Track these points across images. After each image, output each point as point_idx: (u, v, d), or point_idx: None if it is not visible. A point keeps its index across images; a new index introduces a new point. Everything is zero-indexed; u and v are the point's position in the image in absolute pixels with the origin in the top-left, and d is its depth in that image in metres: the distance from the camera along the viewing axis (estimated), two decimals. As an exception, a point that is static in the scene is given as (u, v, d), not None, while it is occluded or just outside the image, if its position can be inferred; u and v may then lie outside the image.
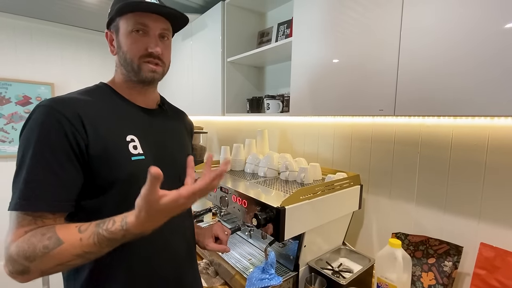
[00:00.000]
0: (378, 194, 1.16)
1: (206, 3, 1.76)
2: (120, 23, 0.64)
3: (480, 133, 0.88)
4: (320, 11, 0.99)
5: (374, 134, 1.16)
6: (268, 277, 0.86)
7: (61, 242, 0.48)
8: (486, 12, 0.61)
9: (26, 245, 0.48)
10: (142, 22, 0.63)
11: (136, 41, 0.63)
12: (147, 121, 0.69)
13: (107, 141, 0.58)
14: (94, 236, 0.49)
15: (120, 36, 0.64)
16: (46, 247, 0.48)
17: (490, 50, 0.61)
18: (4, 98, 2.11)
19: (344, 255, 1.10)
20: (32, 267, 0.48)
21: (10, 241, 0.50)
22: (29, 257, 0.48)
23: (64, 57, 2.32)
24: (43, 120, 0.53)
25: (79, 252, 0.48)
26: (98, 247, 0.49)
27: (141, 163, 0.62)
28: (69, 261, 0.49)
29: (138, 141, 0.63)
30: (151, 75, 0.66)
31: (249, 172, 1.30)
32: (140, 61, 0.64)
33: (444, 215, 0.97)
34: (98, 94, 0.65)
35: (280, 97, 1.38)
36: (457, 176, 0.93)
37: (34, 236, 0.49)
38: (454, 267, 0.89)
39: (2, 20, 2.04)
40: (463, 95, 0.66)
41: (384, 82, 0.81)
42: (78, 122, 0.55)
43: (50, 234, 0.49)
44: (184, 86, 2.04)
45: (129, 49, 0.63)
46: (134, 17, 0.62)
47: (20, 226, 0.51)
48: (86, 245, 0.48)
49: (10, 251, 0.49)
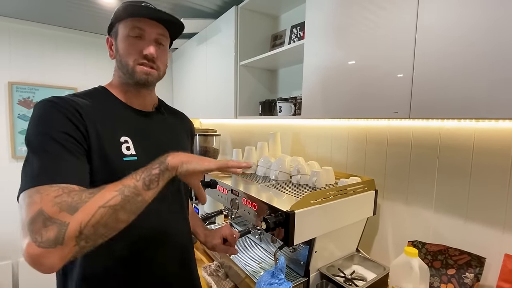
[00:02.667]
0: (394, 199, 1.12)
1: (220, 8, 1.79)
2: (119, 28, 0.67)
3: (504, 136, 0.83)
4: (332, 13, 0.97)
5: (390, 137, 1.12)
6: (277, 282, 0.85)
7: (103, 187, 0.49)
8: (507, 9, 0.58)
9: (69, 198, 0.45)
10: (139, 26, 0.65)
11: (132, 44, 0.66)
12: (143, 123, 0.71)
13: (103, 139, 0.60)
14: (133, 174, 0.51)
15: (118, 40, 0.67)
16: (92, 192, 0.47)
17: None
18: (32, 102, 2.24)
19: (358, 263, 1.06)
20: (72, 222, 0.42)
21: (40, 207, 0.43)
22: (74, 206, 0.44)
23: (86, 63, 2.43)
24: (44, 110, 0.55)
25: (118, 186, 0.48)
26: (135, 177, 0.50)
27: (133, 163, 0.63)
28: (111, 198, 0.46)
29: (131, 143, 0.65)
30: (145, 77, 0.67)
31: (261, 175, 1.29)
32: (134, 64, 0.66)
33: (465, 223, 0.92)
34: (95, 96, 0.67)
35: (293, 100, 1.36)
36: (480, 182, 0.88)
37: (76, 192, 0.47)
38: (476, 279, 0.83)
39: (31, 29, 2.18)
40: (485, 97, 0.62)
41: (398, 84, 0.78)
42: (77, 114, 0.57)
43: (95, 188, 0.49)
44: (199, 89, 2.07)
45: (125, 52, 0.66)
46: (132, 22, 0.65)
47: (45, 194, 0.45)
48: (124, 179, 0.50)
49: (45, 211, 0.43)
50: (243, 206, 0.98)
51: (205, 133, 2.00)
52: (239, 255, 1.12)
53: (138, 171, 0.52)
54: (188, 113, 0.94)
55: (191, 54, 2.17)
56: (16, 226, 2.09)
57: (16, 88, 2.16)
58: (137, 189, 0.49)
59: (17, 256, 2.20)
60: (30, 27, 2.16)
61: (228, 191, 1.09)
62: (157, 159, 0.54)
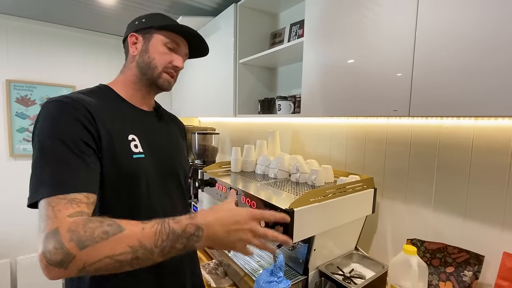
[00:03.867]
0: (393, 198, 1.12)
1: (219, 5, 1.78)
2: (155, 34, 0.72)
3: (504, 134, 0.83)
4: (331, 10, 0.97)
5: (389, 135, 1.12)
6: (276, 280, 0.85)
7: (122, 229, 0.47)
8: (507, 10, 0.58)
9: (82, 229, 0.45)
10: (177, 42, 0.74)
11: (166, 54, 0.73)
12: (146, 122, 0.75)
13: (113, 138, 0.62)
14: (157, 225, 0.49)
15: (152, 44, 0.72)
16: (106, 233, 0.46)
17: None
18: (30, 100, 2.23)
19: (356, 261, 1.06)
20: (78, 256, 0.44)
21: (56, 227, 0.46)
22: (83, 242, 0.44)
23: (85, 61, 2.42)
24: (57, 112, 0.56)
25: (135, 243, 0.46)
26: (155, 242, 0.47)
27: (141, 161, 0.66)
28: (121, 253, 0.45)
29: (138, 141, 0.67)
30: (167, 85, 0.75)
31: (260, 173, 1.29)
32: (163, 70, 0.73)
33: (464, 221, 0.92)
34: (100, 94, 0.69)
35: (292, 98, 1.36)
36: (479, 180, 0.88)
37: (92, 222, 0.47)
38: (475, 277, 0.83)
39: (29, 27, 2.16)
40: (484, 95, 0.62)
41: (398, 82, 0.78)
42: (89, 115, 0.58)
43: (110, 221, 0.48)
44: (197, 87, 2.06)
45: (158, 57, 0.72)
46: (171, 35, 0.73)
47: (57, 210, 0.47)
48: (145, 235, 0.47)
49: (59, 235, 0.45)
50: (242, 204, 0.98)
51: (204, 131, 2.00)
52: (238, 254, 1.12)
53: (164, 231, 0.48)
54: (187, 111, 0.95)
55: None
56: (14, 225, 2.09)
57: (14, 86, 2.15)
58: (152, 254, 0.47)
59: (16, 254, 2.19)
60: (28, 24, 2.15)
61: (227, 189, 1.09)
62: (191, 223, 0.50)
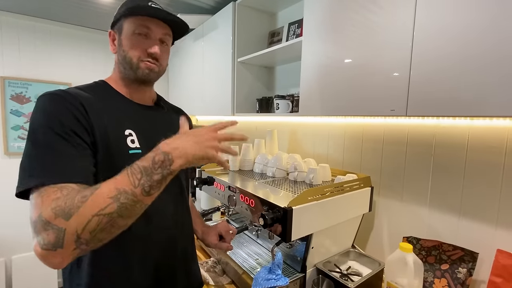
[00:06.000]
0: (390, 196, 1.13)
1: (218, 3, 1.77)
2: (124, 24, 0.67)
3: (498, 134, 0.84)
4: (330, 10, 0.97)
5: (386, 135, 1.13)
6: (274, 278, 0.85)
7: (98, 187, 0.47)
8: (503, 9, 0.59)
9: (62, 202, 0.45)
10: (146, 25, 0.67)
11: (138, 42, 0.67)
12: (144, 117, 0.72)
13: (108, 133, 0.61)
14: (128, 169, 0.49)
15: (123, 36, 0.68)
16: (84, 196, 0.46)
17: (509, 47, 0.58)
18: (25, 97, 2.20)
19: (353, 258, 1.07)
20: (68, 227, 0.43)
21: (40, 212, 0.45)
22: (67, 212, 0.44)
23: (81, 58, 2.39)
24: (51, 104, 0.56)
25: (113, 192, 0.46)
26: (133, 182, 0.47)
27: (137, 156, 0.62)
28: (105, 207, 0.45)
29: (135, 136, 0.66)
30: (147, 73, 0.69)
31: (258, 172, 1.30)
32: (138, 61, 0.68)
33: (459, 219, 0.93)
34: (97, 89, 0.68)
35: (290, 97, 1.37)
36: (474, 179, 0.90)
37: (70, 194, 0.47)
38: (469, 274, 0.85)
39: (24, 23, 2.13)
40: (480, 95, 0.63)
41: (395, 82, 0.79)
42: (82, 109, 0.58)
43: (86, 187, 0.49)
44: (195, 86, 2.06)
45: (130, 49, 0.67)
46: (139, 20, 0.66)
47: (45, 197, 0.47)
48: (120, 181, 0.47)
49: (43, 216, 0.44)
50: (240, 202, 0.99)
51: (202, 130, 1.99)
52: (236, 251, 1.12)
53: (135, 170, 0.48)
54: (184, 110, 0.94)
55: (188, 50, 2.15)
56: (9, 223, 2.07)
57: (9, 83, 2.12)
58: (136, 196, 0.47)
59: (11, 253, 2.17)
60: (23, 21, 2.12)
61: (225, 187, 1.09)
62: (157, 154, 0.50)
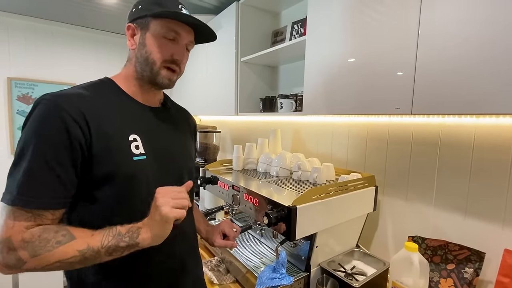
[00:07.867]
0: (394, 196, 1.12)
1: (221, 3, 1.78)
2: (152, 23, 0.64)
3: (505, 132, 0.83)
4: (334, 9, 0.97)
5: (391, 134, 1.13)
6: (279, 277, 0.85)
7: (74, 237, 0.51)
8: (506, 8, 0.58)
9: (37, 241, 0.49)
10: (176, 30, 0.65)
11: (165, 46, 0.65)
12: (150, 120, 0.69)
13: (110, 140, 0.58)
14: (107, 230, 0.53)
15: (148, 35, 0.64)
16: (59, 242, 0.50)
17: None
18: (31, 98, 2.23)
19: (358, 258, 1.07)
20: (30, 262, 0.48)
21: (9, 236, 0.49)
22: (36, 251, 0.48)
23: (86, 58, 2.42)
24: (46, 115, 0.53)
25: (83, 247, 0.50)
26: (102, 242, 0.52)
27: (142, 163, 0.62)
28: (71, 257, 0.50)
29: (140, 141, 0.63)
30: (167, 83, 0.67)
31: (262, 172, 1.30)
32: (161, 65, 0.65)
33: (465, 219, 0.92)
34: (102, 89, 0.65)
35: (294, 97, 1.36)
36: (480, 178, 0.89)
37: (47, 233, 0.50)
38: (476, 274, 0.84)
39: (30, 25, 2.16)
40: (486, 92, 0.62)
41: (400, 80, 0.78)
42: (81, 119, 0.54)
43: (64, 231, 0.51)
44: (199, 86, 2.07)
45: (155, 51, 0.64)
46: (169, 24, 0.64)
47: (17, 221, 0.50)
48: (94, 238, 0.52)
49: (12, 242, 0.48)
50: (244, 201, 0.99)
51: (205, 129, 2.00)
52: (240, 250, 1.13)
53: (109, 232, 0.53)
54: (188, 109, 0.94)
55: (191, 50, 2.15)
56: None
57: (15, 83, 2.15)
58: (99, 254, 0.51)
59: (17, 252, 2.20)
60: (29, 22, 2.15)
61: (229, 187, 1.09)
62: (131, 227, 0.54)
